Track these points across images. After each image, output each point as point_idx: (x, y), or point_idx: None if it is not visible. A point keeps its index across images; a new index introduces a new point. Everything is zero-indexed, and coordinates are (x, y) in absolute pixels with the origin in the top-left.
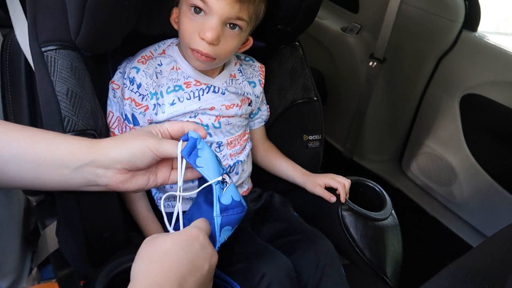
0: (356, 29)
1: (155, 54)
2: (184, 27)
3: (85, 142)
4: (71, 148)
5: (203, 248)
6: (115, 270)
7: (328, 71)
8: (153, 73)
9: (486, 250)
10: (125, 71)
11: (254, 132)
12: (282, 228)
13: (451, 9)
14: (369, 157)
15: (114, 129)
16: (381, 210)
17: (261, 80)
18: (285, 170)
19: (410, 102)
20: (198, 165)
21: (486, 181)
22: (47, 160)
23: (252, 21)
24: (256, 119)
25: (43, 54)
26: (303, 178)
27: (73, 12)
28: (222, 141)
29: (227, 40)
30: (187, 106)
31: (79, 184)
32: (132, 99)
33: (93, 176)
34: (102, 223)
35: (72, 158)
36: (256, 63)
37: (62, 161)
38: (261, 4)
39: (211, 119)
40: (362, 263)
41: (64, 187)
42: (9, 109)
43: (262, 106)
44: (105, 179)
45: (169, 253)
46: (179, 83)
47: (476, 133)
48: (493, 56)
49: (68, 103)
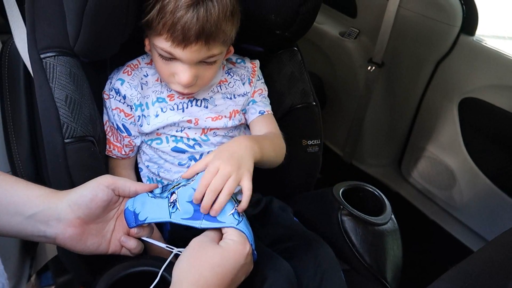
0: (354, 33)
1: (142, 64)
2: (158, 68)
3: (43, 191)
4: (29, 195)
5: (247, 264)
6: (114, 277)
7: (326, 76)
8: (138, 84)
9: (486, 254)
10: (111, 82)
11: (251, 127)
12: (282, 233)
13: (449, 13)
14: (368, 161)
15: (110, 137)
16: (381, 215)
17: (251, 79)
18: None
19: (409, 106)
20: (143, 219)
21: (486, 185)
22: (2, 205)
23: (227, 45)
24: (249, 111)
25: (42, 61)
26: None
27: (72, 19)
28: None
29: (205, 72)
30: (169, 117)
31: (28, 233)
32: (121, 110)
33: (44, 226)
34: None
35: (27, 205)
36: (248, 64)
37: (17, 208)
38: (229, 29)
39: (197, 133)
40: (362, 268)
41: (15, 235)
42: (8, 115)
43: (258, 98)
44: (54, 230)
45: (216, 270)
46: (163, 96)
47: (475, 136)
48: (491, 60)
49: (67, 109)
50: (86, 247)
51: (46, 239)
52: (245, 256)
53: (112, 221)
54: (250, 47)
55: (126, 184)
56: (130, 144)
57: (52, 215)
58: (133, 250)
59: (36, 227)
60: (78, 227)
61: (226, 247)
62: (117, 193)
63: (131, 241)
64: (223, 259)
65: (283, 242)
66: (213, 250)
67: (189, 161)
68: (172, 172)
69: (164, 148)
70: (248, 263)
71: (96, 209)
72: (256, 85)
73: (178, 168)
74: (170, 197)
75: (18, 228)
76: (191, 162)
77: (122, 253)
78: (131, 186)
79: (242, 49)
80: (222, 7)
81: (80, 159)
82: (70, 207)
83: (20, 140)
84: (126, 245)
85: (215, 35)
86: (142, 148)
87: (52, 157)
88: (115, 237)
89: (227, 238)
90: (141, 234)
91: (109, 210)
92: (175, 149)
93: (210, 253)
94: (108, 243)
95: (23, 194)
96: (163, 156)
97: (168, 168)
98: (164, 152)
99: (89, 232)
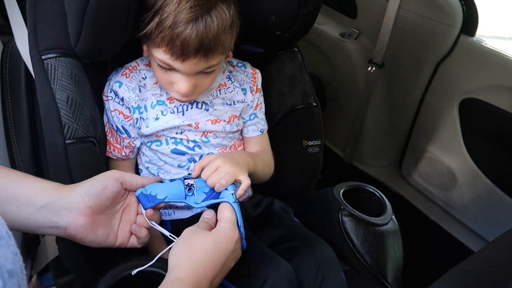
0: (355, 34)
1: (141, 65)
2: (157, 76)
3: (54, 184)
4: (40, 187)
5: (236, 250)
6: (116, 277)
7: (327, 77)
8: (136, 87)
9: (487, 255)
10: (109, 84)
11: (247, 140)
12: (283, 234)
13: (449, 14)
14: (368, 162)
15: (110, 138)
16: (382, 215)
17: (252, 87)
18: None
19: (409, 107)
20: (163, 198)
21: (486, 185)
22: (15, 197)
23: (225, 53)
24: (250, 126)
25: (43, 62)
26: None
27: (73, 20)
28: (213, 152)
29: (203, 81)
30: (170, 121)
31: (40, 224)
32: (120, 112)
33: (55, 217)
34: None
35: (38, 196)
36: (248, 69)
37: (28, 199)
38: (228, 40)
39: (198, 135)
40: (363, 269)
41: (25, 226)
42: (9, 116)
43: (260, 114)
44: (66, 220)
45: (209, 254)
46: (162, 99)
47: (475, 137)
48: (491, 61)
49: (68, 110)
50: (96, 238)
51: (57, 230)
52: (234, 242)
53: (119, 214)
54: (250, 48)
55: (133, 178)
56: (130, 146)
57: (63, 205)
58: (143, 238)
59: (48, 218)
60: (89, 216)
61: (217, 233)
62: (125, 187)
63: (142, 230)
64: (215, 244)
65: (284, 242)
66: (205, 236)
67: (188, 163)
68: (172, 174)
69: (163, 150)
70: (237, 249)
71: (106, 200)
72: (259, 98)
73: (177, 169)
74: (184, 181)
75: (29, 220)
76: (190, 164)
77: (128, 245)
78: (138, 180)
79: (242, 51)
80: (222, 21)
81: (81, 160)
82: (82, 197)
83: (21, 141)
84: (138, 234)
85: (214, 48)
86: (142, 149)
87: (54, 157)
88: (122, 229)
89: (219, 225)
90: (153, 218)
91: (117, 203)
92: (175, 151)
93: (202, 238)
94: (116, 236)
95: (34, 186)
96: (162, 158)
97: (168, 169)
98: (163, 154)
99: (99, 222)
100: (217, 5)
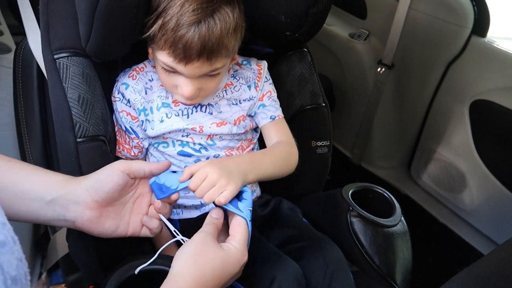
0: (364, 35)
1: (148, 67)
2: (162, 79)
3: (62, 177)
4: (48, 181)
5: (239, 273)
6: (125, 275)
7: (336, 77)
8: (142, 89)
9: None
10: (117, 85)
11: (262, 130)
12: (291, 234)
13: (460, 14)
14: (377, 163)
15: (119, 138)
16: (391, 217)
17: (257, 83)
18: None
19: (418, 108)
20: (176, 187)
21: (497, 188)
22: (23, 191)
23: (230, 57)
24: (259, 115)
25: (55, 61)
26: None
27: (83, 19)
28: (219, 154)
29: (208, 84)
30: (174, 124)
31: (49, 218)
32: (128, 113)
33: (63, 210)
34: None
35: (47, 190)
36: (254, 66)
37: (37, 193)
38: (232, 44)
39: (203, 138)
40: (371, 270)
41: (35, 219)
42: (21, 115)
43: (268, 101)
44: (73, 213)
45: (216, 272)
46: (168, 101)
47: (486, 139)
48: (502, 62)
49: (79, 109)
50: (105, 230)
51: (65, 223)
52: (241, 265)
53: (130, 203)
54: (260, 49)
55: (140, 166)
56: (138, 146)
57: (71, 199)
58: (154, 229)
59: (57, 212)
60: (95, 209)
61: (228, 252)
62: (133, 176)
63: (153, 221)
64: (223, 263)
65: (292, 242)
66: (216, 252)
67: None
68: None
69: (170, 152)
70: (240, 272)
71: (112, 193)
72: (264, 87)
73: None
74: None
75: (38, 213)
76: None
77: (141, 235)
78: (145, 167)
79: (251, 50)
80: (225, 24)
81: (92, 158)
82: (88, 191)
83: (33, 139)
84: (149, 225)
85: (217, 52)
86: (150, 150)
87: (65, 156)
88: (134, 219)
89: (231, 243)
90: (162, 211)
91: (126, 193)
92: (181, 153)
93: (213, 255)
94: (127, 225)
95: (43, 180)
96: (169, 159)
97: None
98: (170, 156)
99: (107, 214)
100: (221, 8)
